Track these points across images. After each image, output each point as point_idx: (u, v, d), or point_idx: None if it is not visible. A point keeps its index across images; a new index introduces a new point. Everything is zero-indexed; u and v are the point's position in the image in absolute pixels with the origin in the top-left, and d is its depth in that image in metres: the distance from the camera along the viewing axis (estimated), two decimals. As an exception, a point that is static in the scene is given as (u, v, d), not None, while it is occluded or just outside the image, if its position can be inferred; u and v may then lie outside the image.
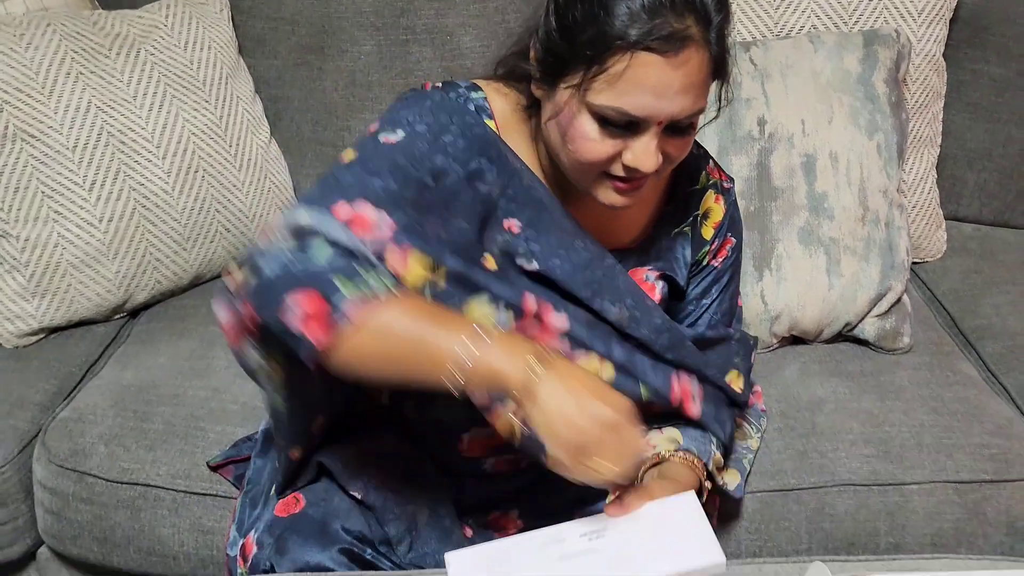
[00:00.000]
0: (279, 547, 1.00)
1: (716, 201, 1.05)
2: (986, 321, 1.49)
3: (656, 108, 0.83)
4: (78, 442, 1.22)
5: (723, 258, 1.07)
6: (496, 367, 0.76)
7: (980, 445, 1.21)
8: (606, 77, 0.82)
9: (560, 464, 0.79)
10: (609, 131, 0.85)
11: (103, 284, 1.44)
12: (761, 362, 1.38)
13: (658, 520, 0.84)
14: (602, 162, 0.87)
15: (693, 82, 0.83)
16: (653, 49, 0.80)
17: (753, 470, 1.19)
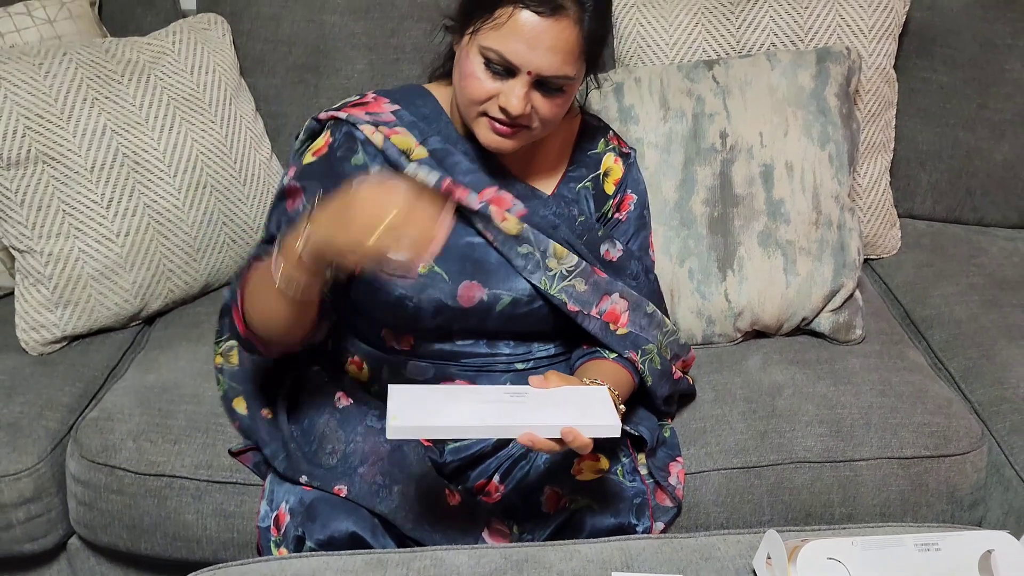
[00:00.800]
0: (309, 515, 1.13)
1: (615, 162, 1.27)
2: (935, 311, 1.62)
3: (527, 57, 1.05)
4: (108, 439, 1.33)
5: (625, 211, 1.27)
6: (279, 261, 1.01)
7: (922, 424, 1.34)
8: (493, 24, 1.05)
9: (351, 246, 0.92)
10: (490, 72, 1.07)
11: (121, 294, 1.55)
12: (726, 353, 1.51)
13: (572, 395, 1.04)
14: (482, 99, 1.08)
15: (561, 47, 1.05)
16: (530, 7, 1.03)
17: (719, 449, 1.32)
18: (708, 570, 1.04)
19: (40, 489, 1.35)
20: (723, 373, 1.45)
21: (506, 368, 1.22)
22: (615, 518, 1.15)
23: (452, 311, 1.16)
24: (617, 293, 1.21)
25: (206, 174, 1.60)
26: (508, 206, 1.16)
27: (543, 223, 1.17)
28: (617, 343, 1.21)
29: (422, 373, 1.20)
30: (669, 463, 1.29)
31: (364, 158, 1.13)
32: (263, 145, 1.72)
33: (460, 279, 1.15)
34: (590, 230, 1.22)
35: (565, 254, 1.17)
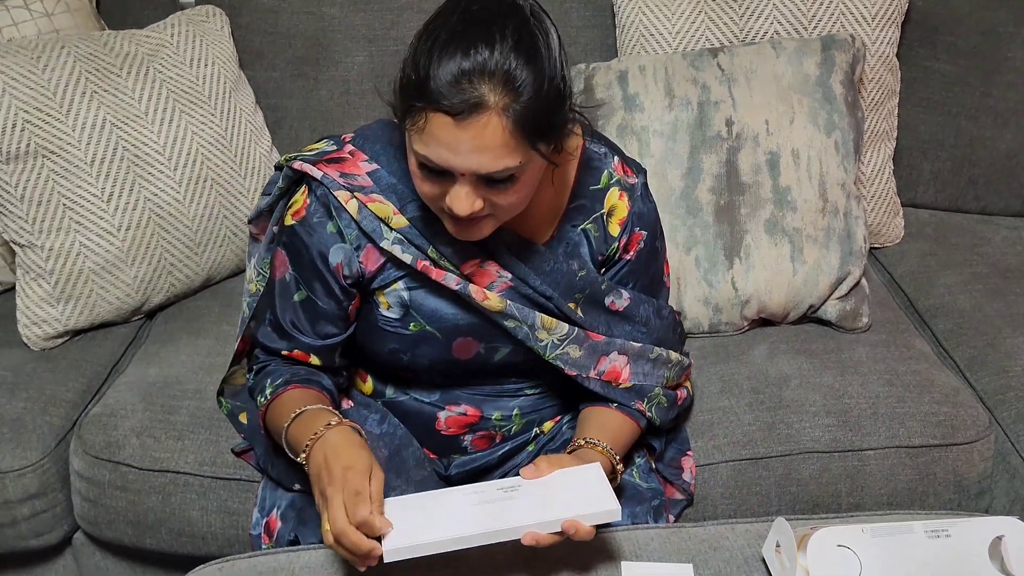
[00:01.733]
0: (301, 519, 1.12)
1: (620, 198, 1.14)
2: (939, 300, 1.62)
3: (453, 161, 0.93)
4: (111, 435, 1.33)
5: (634, 251, 1.15)
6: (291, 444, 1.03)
7: (930, 413, 1.34)
8: (415, 129, 0.93)
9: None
10: (426, 174, 0.97)
11: (122, 288, 1.54)
12: (733, 343, 1.51)
13: (566, 480, 0.99)
14: (431, 199, 1.00)
15: (486, 144, 0.92)
16: (444, 111, 0.91)
17: (726, 441, 1.32)
18: (717, 559, 1.04)
19: (44, 485, 1.34)
20: (729, 363, 1.44)
21: (515, 394, 1.20)
22: (633, 521, 1.14)
23: (449, 362, 1.13)
24: (615, 351, 1.15)
25: (206, 168, 1.59)
26: (492, 279, 1.09)
27: (532, 296, 1.10)
28: (622, 397, 1.16)
29: (427, 396, 1.18)
30: (680, 458, 1.28)
31: (338, 225, 1.07)
32: (263, 138, 1.71)
33: (453, 337, 1.11)
34: (592, 284, 1.13)
35: (554, 324, 1.11)
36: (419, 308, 1.10)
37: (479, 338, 1.12)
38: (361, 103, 1.76)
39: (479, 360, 1.14)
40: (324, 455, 0.95)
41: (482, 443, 1.20)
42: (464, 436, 1.19)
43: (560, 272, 1.12)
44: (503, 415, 1.19)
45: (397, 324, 1.11)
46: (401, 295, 1.10)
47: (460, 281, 1.07)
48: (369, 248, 1.08)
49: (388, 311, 1.11)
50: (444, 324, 1.11)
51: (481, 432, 1.19)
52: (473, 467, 1.20)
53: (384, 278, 1.10)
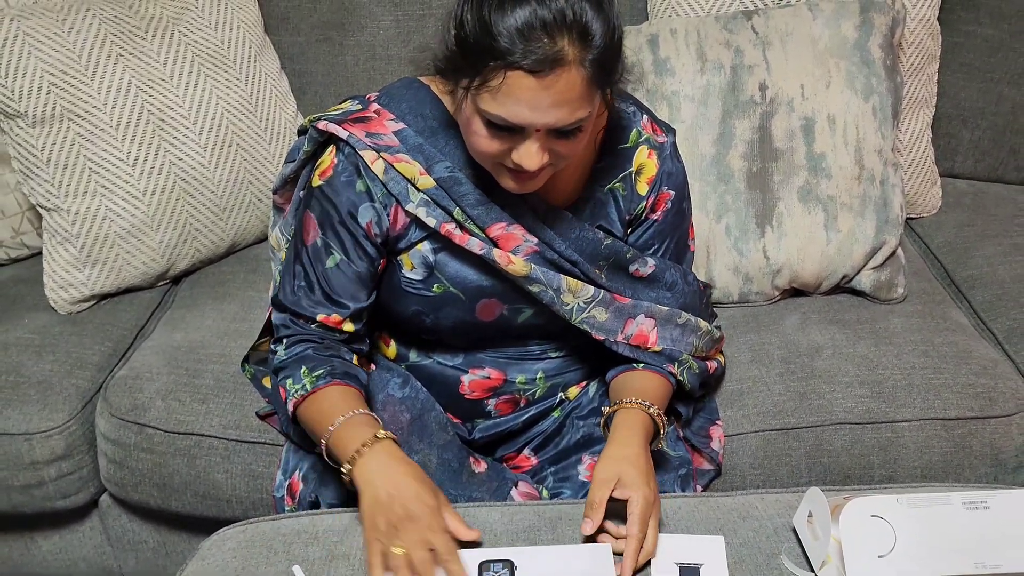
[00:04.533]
0: (323, 480, 1.12)
1: (649, 156, 1.11)
2: (977, 271, 1.58)
3: (531, 118, 0.91)
4: (137, 397, 1.33)
5: (661, 211, 1.14)
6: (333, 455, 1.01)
7: (967, 384, 1.30)
8: (488, 89, 0.90)
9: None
10: (495, 132, 0.94)
11: (148, 253, 1.54)
12: (763, 313, 1.48)
13: (568, 563, 0.93)
14: (494, 155, 0.97)
15: (566, 98, 0.90)
16: (524, 68, 0.88)
17: (757, 411, 1.30)
18: (746, 529, 1.02)
19: (71, 447, 1.35)
20: (760, 333, 1.42)
21: (539, 357, 1.18)
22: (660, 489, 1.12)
23: (472, 324, 1.12)
24: (642, 314, 1.13)
25: (231, 132, 1.58)
26: (518, 243, 1.07)
27: (556, 262, 1.08)
28: (652, 359, 1.14)
29: (451, 360, 1.17)
30: (709, 427, 1.26)
31: (367, 184, 1.05)
32: (288, 103, 1.69)
33: (478, 298, 1.10)
34: (617, 252, 1.11)
35: (580, 287, 1.09)
36: (443, 270, 1.08)
37: (503, 300, 1.11)
38: (387, 68, 1.74)
39: (502, 322, 1.12)
40: (392, 483, 0.94)
41: (506, 407, 1.18)
42: (488, 400, 1.17)
43: (586, 239, 1.10)
44: (527, 378, 1.17)
45: (420, 286, 1.09)
46: (425, 256, 1.08)
47: (484, 246, 1.05)
48: (396, 207, 1.06)
49: (412, 272, 1.09)
50: (468, 286, 1.09)
51: (505, 396, 1.17)
52: (497, 431, 1.19)
53: (409, 239, 1.08)
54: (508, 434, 1.20)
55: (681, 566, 0.95)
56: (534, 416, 1.19)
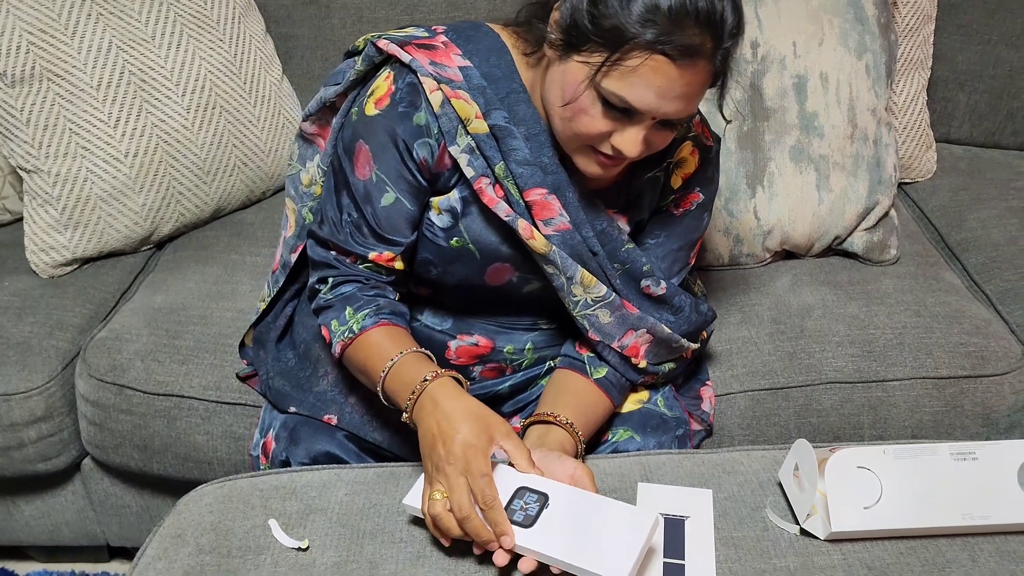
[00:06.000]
0: (293, 438, 1.10)
1: (692, 154, 1.09)
2: (971, 234, 1.55)
3: (656, 106, 0.89)
4: (116, 358, 1.31)
5: (684, 209, 1.11)
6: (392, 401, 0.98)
7: (959, 344, 1.28)
8: (620, 68, 0.87)
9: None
10: (608, 112, 0.91)
11: (130, 216, 1.52)
12: (754, 275, 1.45)
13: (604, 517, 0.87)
14: (593, 136, 0.93)
15: (694, 91, 0.90)
16: (668, 55, 0.86)
17: (745, 371, 1.28)
18: (731, 483, 1.00)
19: (51, 408, 1.33)
20: (750, 294, 1.40)
21: (530, 328, 1.16)
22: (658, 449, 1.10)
23: (476, 286, 1.09)
24: (645, 329, 1.09)
25: (215, 94, 1.55)
26: (551, 215, 1.02)
27: (579, 248, 1.04)
28: (635, 376, 1.11)
29: (439, 323, 1.14)
30: (699, 388, 1.24)
31: (427, 117, 0.99)
32: (274, 67, 1.67)
33: (492, 260, 1.06)
34: (634, 260, 1.08)
35: (594, 283, 1.05)
36: (467, 224, 1.04)
37: (516, 267, 1.07)
38: (374, 31, 1.68)
39: (507, 288, 1.09)
40: (437, 423, 0.90)
41: (491, 374, 1.16)
42: (473, 367, 1.15)
43: (610, 236, 1.06)
44: (515, 348, 1.15)
45: (441, 234, 1.04)
46: (453, 206, 1.03)
47: (511, 212, 1.01)
48: (444, 146, 1.01)
49: (437, 218, 1.04)
50: (486, 246, 1.05)
51: (491, 364, 1.15)
52: (482, 394, 1.17)
53: (444, 182, 1.03)
54: (493, 399, 1.18)
55: (667, 517, 0.93)
56: (521, 383, 1.17)
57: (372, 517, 0.96)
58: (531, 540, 0.86)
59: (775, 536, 0.93)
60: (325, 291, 1.05)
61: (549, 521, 0.87)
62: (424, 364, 0.96)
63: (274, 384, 1.17)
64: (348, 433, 1.12)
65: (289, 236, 1.19)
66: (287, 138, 1.66)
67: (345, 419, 1.12)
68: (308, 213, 1.16)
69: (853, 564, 0.89)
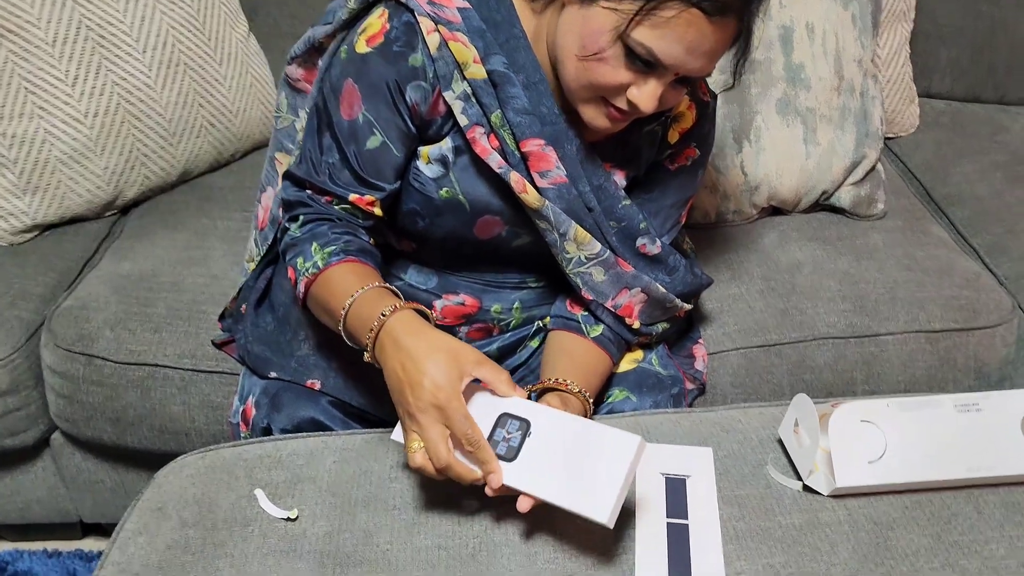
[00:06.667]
0: (274, 404, 1.06)
1: (689, 108, 1.05)
2: (956, 189, 1.55)
3: (683, 60, 0.85)
4: (84, 327, 1.25)
5: (679, 165, 1.07)
6: (354, 339, 0.92)
7: (951, 297, 1.27)
8: (653, 19, 0.83)
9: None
10: (630, 64, 0.87)
11: (92, 180, 1.45)
12: (741, 232, 1.43)
13: (587, 444, 0.82)
14: (609, 88, 0.89)
15: (720, 48, 0.87)
16: (704, 9, 0.83)
17: (737, 328, 1.25)
18: (730, 441, 0.98)
19: (16, 381, 1.27)
20: (738, 252, 1.37)
21: (517, 286, 1.11)
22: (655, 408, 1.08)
23: (463, 240, 1.04)
24: (639, 288, 1.05)
25: (178, 51, 1.48)
26: (547, 167, 0.97)
27: (575, 203, 1.00)
28: (629, 336, 1.08)
29: (424, 282, 1.10)
30: (692, 347, 1.21)
31: (423, 59, 0.93)
32: (239, 23, 1.59)
33: (482, 213, 1.01)
34: (631, 218, 1.04)
35: (588, 240, 1.01)
36: (458, 174, 0.99)
37: (506, 221, 1.03)
38: (344, -15, 1.64)
39: (496, 242, 1.05)
40: (401, 365, 0.83)
41: (478, 335, 1.13)
42: (459, 328, 1.11)
43: (607, 192, 1.02)
44: (503, 307, 1.11)
45: (429, 184, 1.00)
46: (444, 155, 0.99)
47: (504, 165, 0.96)
48: (438, 92, 0.95)
49: (426, 167, 0.99)
50: (476, 198, 1.00)
51: (478, 324, 1.11)
52: None
53: (435, 129, 0.98)
54: None
55: (668, 477, 0.91)
56: (510, 344, 1.13)
57: (363, 485, 0.92)
58: (514, 477, 0.82)
59: (778, 493, 0.91)
60: (294, 228, 1.00)
61: (532, 452, 0.83)
62: (384, 299, 0.90)
63: (253, 350, 1.13)
64: (332, 398, 1.08)
65: (280, 190, 1.14)
66: (255, 98, 1.60)
67: (329, 383, 1.08)
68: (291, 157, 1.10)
69: (858, 519, 0.88)
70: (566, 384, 0.98)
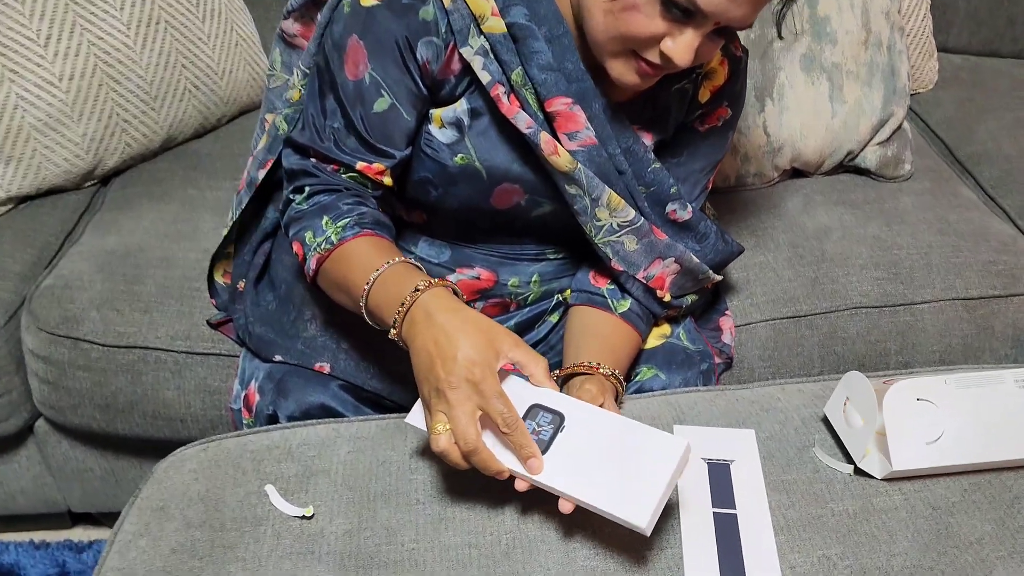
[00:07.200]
0: (280, 390, 0.98)
1: (721, 64, 0.97)
2: (981, 147, 1.48)
3: (724, 8, 0.77)
4: (68, 308, 1.16)
5: (710, 126, 1.00)
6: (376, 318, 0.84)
7: (988, 262, 1.21)
8: None
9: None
10: (666, 12, 0.79)
11: (70, 148, 1.35)
12: (762, 197, 1.36)
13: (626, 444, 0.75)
14: (642, 40, 0.81)
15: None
16: None
17: (765, 299, 1.19)
18: (771, 422, 0.92)
19: (-5, 367, 1.19)
20: (761, 217, 1.30)
21: (536, 258, 1.04)
22: (684, 386, 1.01)
23: (479, 211, 0.96)
24: (673, 259, 0.98)
25: (158, 8, 1.38)
26: (576, 128, 0.90)
27: (605, 166, 0.92)
28: (659, 309, 1.01)
29: (436, 255, 1.02)
30: (718, 319, 1.14)
31: (435, 12, 0.85)
32: (223, -23, 1.49)
33: (500, 181, 0.93)
34: (661, 183, 0.96)
35: (621, 206, 0.93)
36: (475, 139, 0.91)
37: (527, 189, 0.94)
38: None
39: (514, 211, 0.97)
40: (434, 339, 0.76)
41: (494, 311, 1.05)
42: (475, 303, 1.04)
43: (636, 154, 0.94)
44: (520, 281, 1.03)
45: (443, 150, 0.91)
46: (460, 117, 0.90)
47: (533, 125, 0.88)
48: (452, 48, 0.87)
49: (439, 131, 0.91)
50: (495, 165, 0.92)
51: (494, 299, 1.04)
52: None
53: (449, 90, 0.90)
54: None
55: (710, 462, 0.85)
56: (527, 319, 1.06)
57: (382, 477, 0.85)
58: (543, 472, 0.75)
59: (828, 477, 0.85)
60: (299, 200, 0.92)
61: (564, 447, 0.76)
62: (415, 273, 0.82)
63: (254, 331, 1.05)
64: (343, 382, 1.00)
65: (260, 150, 1.05)
66: (242, 58, 1.50)
67: (339, 366, 1.00)
68: (282, 122, 1.00)
69: (916, 504, 0.82)
70: (597, 367, 0.91)
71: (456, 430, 0.75)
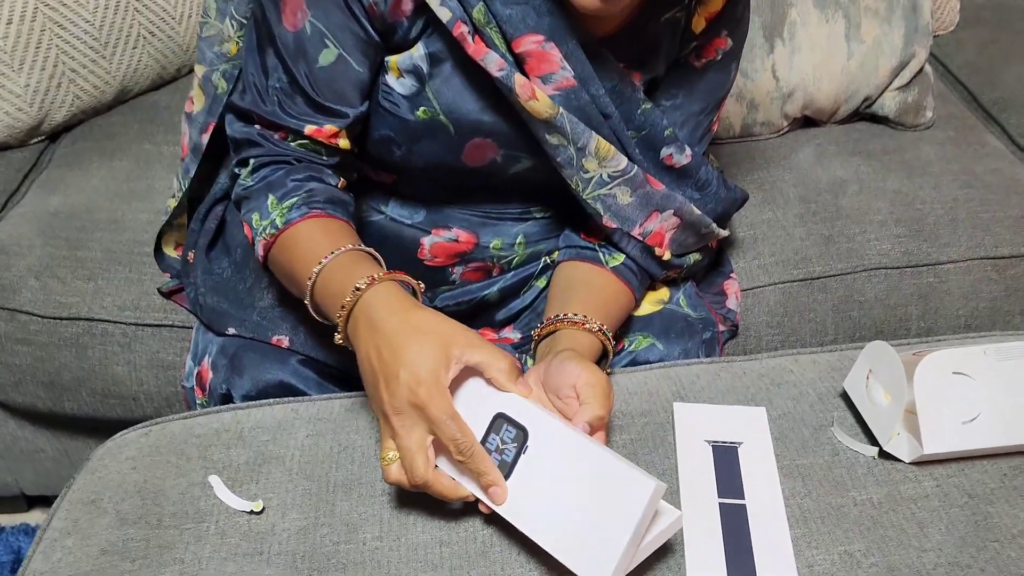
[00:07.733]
0: (234, 366, 0.89)
1: None
2: (1008, 93, 1.37)
3: None
4: (4, 276, 1.06)
5: (708, 59, 0.88)
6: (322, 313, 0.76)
7: (1019, 217, 1.12)
8: None
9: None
10: None
11: (12, 101, 1.23)
12: (770, 147, 1.26)
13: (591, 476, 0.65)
14: None
15: None
16: None
17: (774, 260, 1.09)
18: (783, 398, 0.82)
19: (-72, 342, 1.08)
20: (769, 170, 1.20)
21: (520, 218, 0.93)
22: (685, 357, 0.91)
23: (450, 169, 0.85)
24: (671, 211, 0.88)
25: (105, -57, 1.25)
26: (551, 69, 0.79)
27: (588, 109, 0.82)
28: (657, 270, 0.91)
29: (409, 216, 0.91)
30: (723, 283, 1.04)
31: None
32: (179, -89, 1.36)
33: (471, 136, 0.83)
34: (653, 125, 0.86)
35: (611, 153, 0.83)
36: (436, 88, 0.80)
37: (500, 143, 0.83)
38: None
39: (491, 169, 0.86)
40: (377, 351, 0.67)
41: (475, 276, 0.94)
42: (453, 268, 0.93)
43: (623, 95, 0.83)
44: (504, 243, 0.93)
45: (402, 103, 0.81)
46: (417, 64, 0.79)
47: (504, 67, 0.76)
48: None
49: (396, 82, 0.80)
50: (462, 116, 0.81)
51: (475, 263, 0.93)
52: (465, 302, 0.95)
53: (403, 33, 0.78)
54: (479, 306, 0.96)
55: (715, 445, 0.75)
56: (512, 285, 0.95)
57: (344, 464, 0.76)
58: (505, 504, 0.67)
59: (848, 462, 0.75)
60: (245, 175, 0.82)
61: (527, 473, 0.67)
62: (361, 266, 0.72)
63: (206, 302, 0.94)
64: (304, 357, 0.90)
65: (198, 112, 0.94)
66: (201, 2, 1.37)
67: (299, 340, 0.90)
68: (220, 79, 0.89)
69: (950, 492, 0.72)
70: (583, 322, 0.80)
71: (404, 463, 0.66)
